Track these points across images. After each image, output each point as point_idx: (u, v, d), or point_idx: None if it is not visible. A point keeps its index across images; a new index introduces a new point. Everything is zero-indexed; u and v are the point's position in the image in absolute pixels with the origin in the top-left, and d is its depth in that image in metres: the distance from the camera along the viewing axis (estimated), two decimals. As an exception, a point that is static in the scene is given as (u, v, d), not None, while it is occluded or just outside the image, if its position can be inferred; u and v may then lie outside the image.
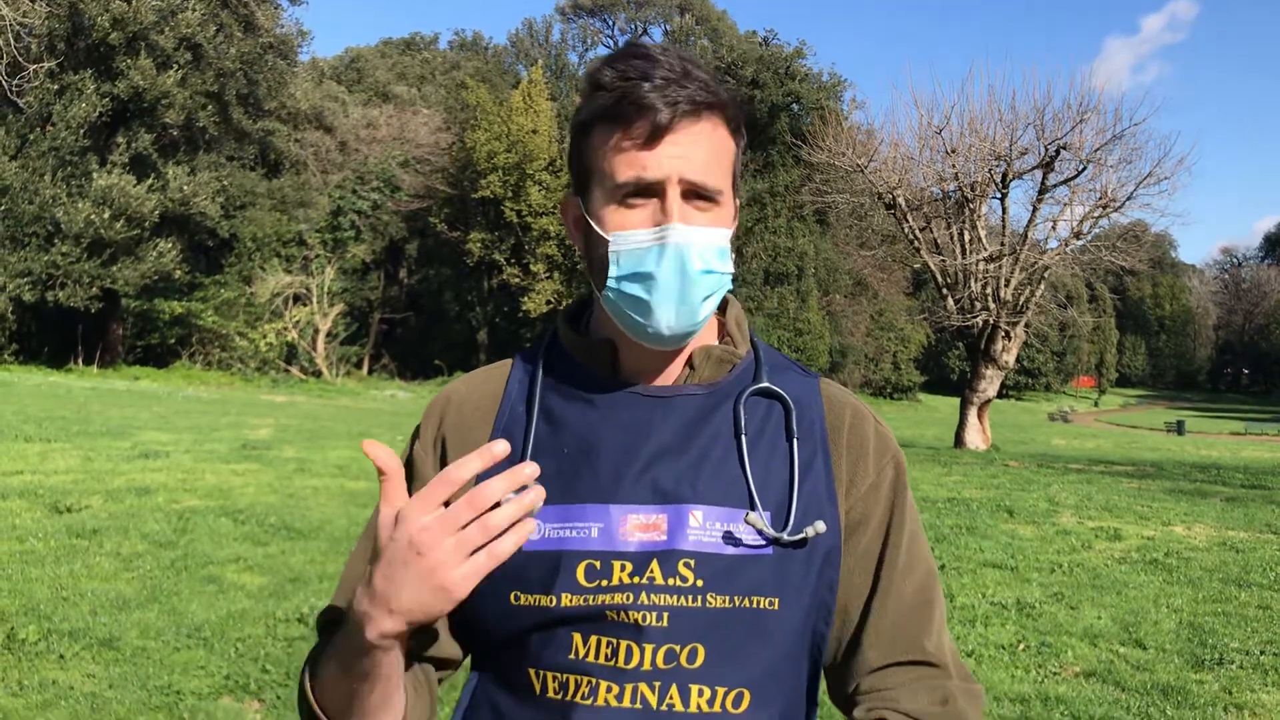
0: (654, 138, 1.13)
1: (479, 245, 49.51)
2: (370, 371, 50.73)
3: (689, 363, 1.24)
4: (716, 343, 1.28)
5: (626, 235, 1.15)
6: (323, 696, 1.13)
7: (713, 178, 1.15)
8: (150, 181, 37.06)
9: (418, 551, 0.98)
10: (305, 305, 44.70)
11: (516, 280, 49.15)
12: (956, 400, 30.99)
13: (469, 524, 0.98)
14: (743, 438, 1.19)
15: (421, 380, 50.16)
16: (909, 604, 1.23)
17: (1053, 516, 12.09)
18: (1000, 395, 34.58)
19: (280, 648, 5.62)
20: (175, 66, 37.20)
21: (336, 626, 1.18)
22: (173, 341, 42.10)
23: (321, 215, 46.80)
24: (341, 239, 46.70)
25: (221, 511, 9.59)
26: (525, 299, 48.35)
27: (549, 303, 48.51)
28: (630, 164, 1.14)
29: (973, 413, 27.38)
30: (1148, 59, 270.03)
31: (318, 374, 44.29)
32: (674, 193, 1.13)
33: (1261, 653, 6.39)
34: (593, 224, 1.18)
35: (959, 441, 27.29)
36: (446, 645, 1.25)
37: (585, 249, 1.22)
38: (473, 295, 54.87)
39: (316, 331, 44.83)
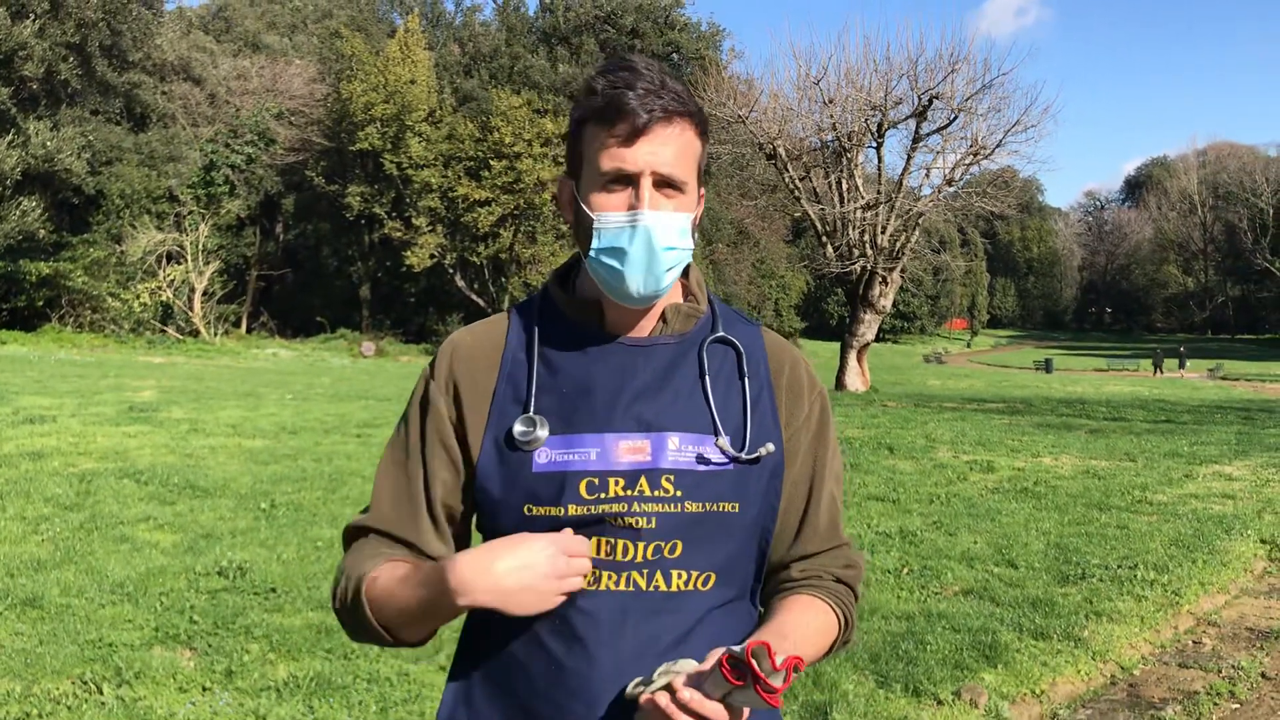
0: (632, 137, 1.42)
1: (358, 199, 48.44)
2: (249, 330, 49.56)
3: (662, 317, 1.54)
4: (682, 300, 1.58)
5: (606, 216, 1.44)
6: (380, 614, 1.44)
7: (679, 170, 1.45)
8: (10, 137, 35.60)
9: (558, 578, 1.36)
10: (179, 264, 43.38)
11: (399, 234, 48.27)
12: (836, 345, 31.91)
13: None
14: (706, 378, 1.51)
15: (303, 338, 49.26)
16: (830, 507, 1.59)
17: (930, 452, 12.76)
18: (878, 339, 35.62)
19: (204, 599, 5.78)
20: (32, 16, 35.67)
21: (364, 532, 1.53)
22: (41, 304, 40.46)
23: (193, 170, 45.26)
24: (215, 194, 45.19)
25: (122, 473, 9.57)
26: (408, 253, 47.49)
27: (433, 256, 47.86)
28: (612, 158, 1.43)
29: (852, 356, 28.29)
30: (1030, 3, 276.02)
31: (195, 334, 43.17)
32: (646, 183, 1.43)
33: (1119, 567, 7.02)
34: (582, 205, 1.47)
35: (839, 384, 28.17)
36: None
37: (575, 223, 1.52)
38: (353, 250, 53.93)
39: (193, 290, 43.58)
